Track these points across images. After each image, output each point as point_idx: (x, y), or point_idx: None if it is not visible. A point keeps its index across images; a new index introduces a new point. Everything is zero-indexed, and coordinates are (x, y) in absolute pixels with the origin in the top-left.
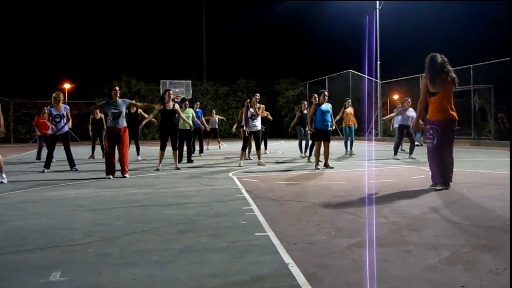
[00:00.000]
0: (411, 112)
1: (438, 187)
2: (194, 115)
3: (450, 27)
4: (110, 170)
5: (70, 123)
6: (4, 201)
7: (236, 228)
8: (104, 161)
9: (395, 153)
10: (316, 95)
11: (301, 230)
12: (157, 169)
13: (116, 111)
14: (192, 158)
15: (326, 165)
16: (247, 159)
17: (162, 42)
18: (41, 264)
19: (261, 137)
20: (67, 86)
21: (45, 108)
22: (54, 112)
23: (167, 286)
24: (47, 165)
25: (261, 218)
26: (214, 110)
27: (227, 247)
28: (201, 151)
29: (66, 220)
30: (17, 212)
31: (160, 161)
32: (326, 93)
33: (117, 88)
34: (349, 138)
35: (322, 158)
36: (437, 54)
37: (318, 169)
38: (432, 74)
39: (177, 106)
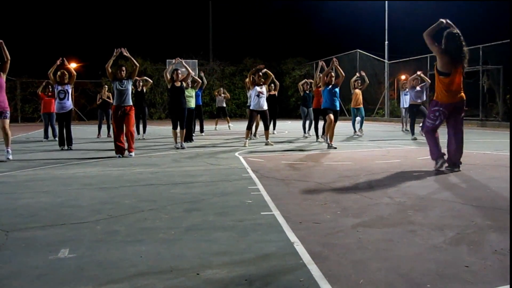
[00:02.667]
0: (418, 89)
1: (439, 161)
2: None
3: (459, 5)
4: (119, 149)
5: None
6: (13, 179)
7: (242, 207)
8: (111, 140)
9: (412, 134)
10: (333, 72)
11: (306, 210)
12: (177, 148)
13: (122, 89)
14: (193, 138)
15: (329, 145)
16: (252, 138)
17: (168, 21)
18: (50, 241)
19: (269, 117)
20: (73, 65)
21: (49, 86)
22: (59, 88)
23: (173, 263)
24: (69, 142)
25: (267, 198)
26: (221, 88)
27: (233, 226)
28: (201, 130)
29: (74, 198)
30: (26, 190)
31: (176, 140)
32: (333, 74)
33: (124, 67)
34: (357, 118)
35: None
36: (458, 34)
37: (335, 148)
38: (450, 55)
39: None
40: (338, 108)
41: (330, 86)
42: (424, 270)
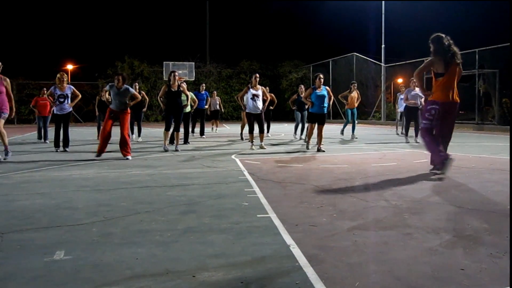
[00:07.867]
0: (416, 92)
1: (447, 162)
2: (194, 97)
3: (456, 10)
4: (100, 150)
5: (76, 99)
6: (8, 181)
7: (238, 210)
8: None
9: (406, 136)
10: (321, 75)
11: (303, 212)
12: (165, 150)
13: (119, 95)
14: (189, 140)
15: (318, 149)
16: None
17: (166, 24)
18: (46, 243)
19: (263, 120)
20: (70, 67)
21: (44, 88)
22: (58, 92)
23: (169, 266)
24: (66, 144)
25: (263, 200)
26: (215, 92)
27: (229, 228)
28: (201, 133)
29: (69, 200)
30: (21, 192)
31: (165, 142)
32: (321, 76)
33: (121, 77)
34: (351, 122)
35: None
36: (443, 35)
37: (323, 151)
38: (441, 55)
39: (183, 86)
40: (325, 112)
41: (318, 89)
42: (420, 273)
